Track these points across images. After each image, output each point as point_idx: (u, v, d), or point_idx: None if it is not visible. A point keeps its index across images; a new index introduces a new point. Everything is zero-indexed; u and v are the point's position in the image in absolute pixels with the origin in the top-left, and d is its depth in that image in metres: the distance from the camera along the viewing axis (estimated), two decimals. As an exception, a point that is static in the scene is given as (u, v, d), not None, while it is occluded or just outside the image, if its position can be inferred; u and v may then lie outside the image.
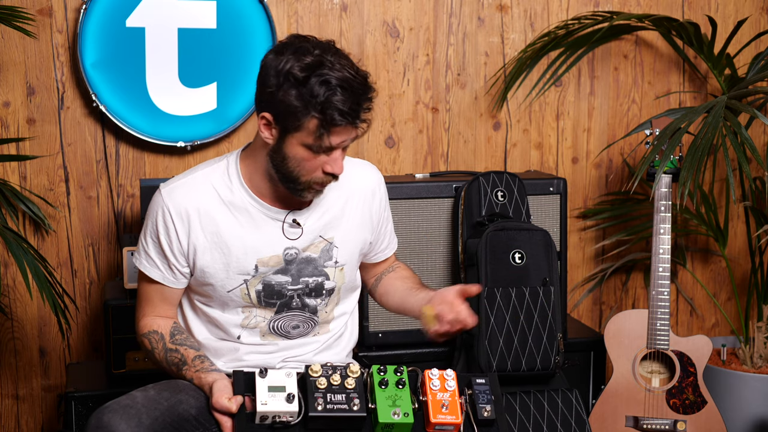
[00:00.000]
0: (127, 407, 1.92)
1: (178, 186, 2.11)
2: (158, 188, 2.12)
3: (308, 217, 2.13)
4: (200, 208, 2.08)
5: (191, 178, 2.12)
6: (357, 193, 2.21)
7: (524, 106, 3.41)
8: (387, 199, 2.30)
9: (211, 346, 2.18)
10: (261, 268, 2.11)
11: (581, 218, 3.50)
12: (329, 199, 2.16)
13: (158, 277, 2.13)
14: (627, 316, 2.89)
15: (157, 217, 2.10)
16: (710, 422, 2.84)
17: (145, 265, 2.14)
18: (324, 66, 1.92)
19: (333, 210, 2.16)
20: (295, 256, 2.13)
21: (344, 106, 1.92)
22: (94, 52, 2.95)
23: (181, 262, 2.11)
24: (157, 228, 2.10)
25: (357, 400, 1.91)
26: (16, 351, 3.11)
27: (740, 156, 2.74)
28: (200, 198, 2.09)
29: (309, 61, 1.93)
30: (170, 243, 2.09)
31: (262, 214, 2.10)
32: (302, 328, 2.18)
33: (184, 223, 2.08)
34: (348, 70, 1.94)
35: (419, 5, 3.27)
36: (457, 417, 1.93)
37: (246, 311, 2.15)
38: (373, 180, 2.26)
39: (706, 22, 3.37)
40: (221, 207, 2.09)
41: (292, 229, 2.12)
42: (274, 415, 1.88)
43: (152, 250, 2.12)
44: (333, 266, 2.17)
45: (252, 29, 3.06)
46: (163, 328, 2.13)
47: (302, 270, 2.14)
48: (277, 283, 2.12)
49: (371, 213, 2.24)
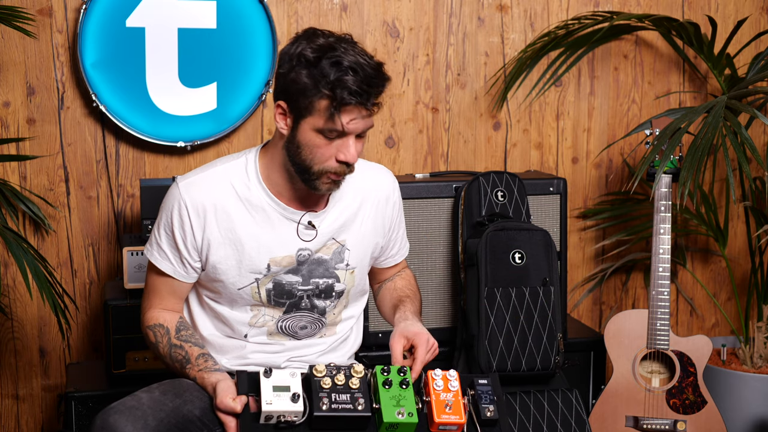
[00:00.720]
0: (133, 408, 1.91)
1: (196, 181, 2.09)
2: (175, 181, 2.10)
3: (323, 219, 2.13)
4: (217, 203, 2.07)
5: (210, 173, 2.11)
6: (372, 197, 2.20)
7: (524, 106, 3.41)
8: (401, 204, 2.30)
9: (216, 342, 2.18)
10: (273, 268, 2.11)
11: (581, 218, 3.50)
12: (344, 202, 2.16)
13: (169, 270, 2.12)
14: (627, 316, 2.89)
15: (173, 210, 2.08)
16: (710, 422, 2.84)
17: (157, 257, 2.13)
18: (336, 49, 1.93)
19: (347, 213, 2.16)
20: (308, 257, 2.12)
21: (354, 85, 1.91)
22: (94, 52, 2.95)
23: (194, 257, 2.10)
24: (172, 221, 2.08)
25: (361, 399, 1.91)
26: (16, 351, 3.11)
27: (740, 156, 2.74)
28: (217, 194, 2.08)
29: (321, 42, 1.95)
30: (184, 237, 2.08)
31: (278, 213, 2.09)
32: (310, 329, 2.18)
33: (200, 218, 2.07)
34: (361, 56, 1.95)
35: (419, 5, 3.27)
36: (461, 417, 1.94)
37: (255, 309, 2.15)
38: (388, 185, 2.25)
39: (706, 22, 3.38)
40: (238, 204, 2.08)
41: (306, 231, 2.11)
42: (279, 415, 1.88)
43: (165, 243, 2.11)
44: (344, 269, 2.17)
45: (252, 29, 3.06)
46: (169, 323, 2.12)
47: (313, 271, 2.14)
48: (288, 283, 2.12)
49: (384, 218, 2.23)
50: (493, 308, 2.74)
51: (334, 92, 1.92)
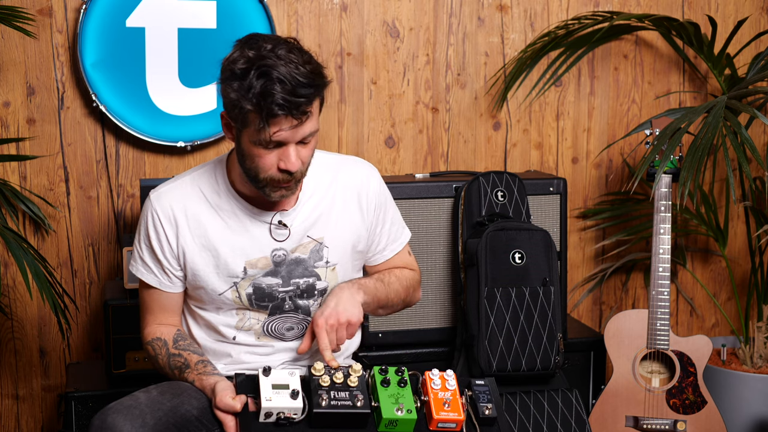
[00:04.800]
0: (131, 408, 1.92)
1: (166, 191, 2.13)
2: (148, 194, 2.14)
3: (295, 217, 2.12)
4: (187, 211, 2.10)
5: (180, 182, 2.14)
6: (346, 190, 2.18)
7: (524, 106, 3.41)
8: (384, 197, 2.25)
9: (209, 347, 2.19)
10: (250, 270, 2.11)
11: (581, 218, 3.50)
12: (316, 198, 2.15)
13: (155, 283, 2.15)
14: (627, 316, 2.89)
15: (148, 222, 2.12)
16: (710, 422, 2.85)
17: (142, 271, 2.16)
18: (265, 59, 1.90)
19: (320, 209, 2.15)
20: (284, 258, 2.12)
21: (281, 97, 1.88)
22: (94, 52, 2.95)
23: (174, 265, 2.13)
24: (149, 233, 2.12)
25: (361, 396, 1.92)
26: (16, 351, 3.11)
27: (740, 156, 2.74)
28: (187, 201, 2.11)
29: (250, 55, 1.92)
30: (161, 247, 2.11)
31: (249, 216, 2.10)
32: (297, 330, 2.18)
33: (172, 226, 2.10)
34: (293, 65, 1.90)
35: (419, 5, 3.27)
36: (460, 414, 1.95)
37: (240, 313, 2.15)
38: (363, 175, 2.22)
39: (706, 22, 3.38)
40: (209, 210, 2.10)
41: (279, 231, 2.12)
42: (278, 412, 1.89)
43: (146, 256, 2.14)
44: (324, 266, 2.16)
45: (252, 29, 3.04)
46: (166, 335, 2.14)
47: (292, 271, 2.13)
48: (268, 286, 2.12)
49: (361, 208, 2.20)
50: (493, 308, 2.74)
51: (260, 105, 1.89)
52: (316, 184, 2.15)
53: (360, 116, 3.26)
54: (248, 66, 1.90)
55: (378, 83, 3.26)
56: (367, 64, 3.24)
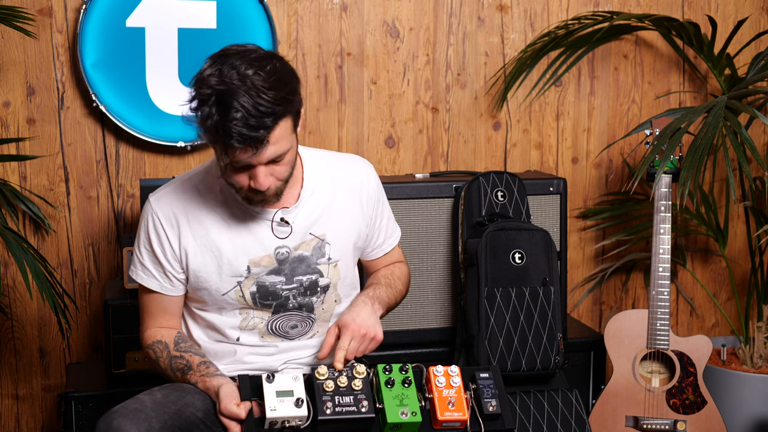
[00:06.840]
0: (136, 411, 1.91)
1: (165, 193, 2.13)
2: (147, 199, 2.14)
3: (297, 215, 2.13)
4: (188, 212, 2.10)
5: (179, 184, 2.14)
6: (345, 186, 2.19)
7: (524, 106, 3.41)
8: (380, 192, 2.27)
9: (210, 349, 2.19)
10: (253, 269, 2.11)
11: (581, 218, 3.50)
12: (317, 195, 2.16)
13: (156, 287, 2.14)
14: (627, 316, 2.89)
15: (148, 225, 2.12)
16: (710, 422, 2.85)
17: (142, 276, 2.15)
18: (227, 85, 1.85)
19: (321, 206, 2.15)
20: (287, 255, 2.12)
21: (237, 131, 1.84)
22: (94, 52, 2.95)
23: (176, 268, 2.12)
24: (150, 236, 2.12)
25: (365, 401, 1.92)
26: (16, 351, 3.11)
27: (740, 156, 2.74)
28: (187, 203, 2.11)
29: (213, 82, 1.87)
30: (163, 250, 2.11)
31: (249, 214, 2.10)
32: (300, 328, 2.18)
33: (174, 228, 2.10)
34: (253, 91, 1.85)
35: (419, 5, 3.27)
36: (464, 413, 1.95)
37: (243, 313, 2.15)
38: (361, 172, 2.24)
39: (706, 22, 3.38)
40: (209, 210, 2.10)
41: (281, 228, 2.12)
42: (283, 421, 1.88)
43: (147, 260, 2.14)
44: (326, 263, 2.16)
45: (252, 29, 3.06)
46: (167, 338, 2.14)
47: (295, 269, 2.13)
48: (271, 284, 2.12)
49: (362, 204, 2.22)
50: (493, 308, 2.74)
51: (217, 135, 1.87)
52: (317, 182, 2.15)
53: (360, 116, 3.26)
54: (209, 93, 1.87)
55: (378, 83, 3.26)
56: (367, 64, 3.24)
